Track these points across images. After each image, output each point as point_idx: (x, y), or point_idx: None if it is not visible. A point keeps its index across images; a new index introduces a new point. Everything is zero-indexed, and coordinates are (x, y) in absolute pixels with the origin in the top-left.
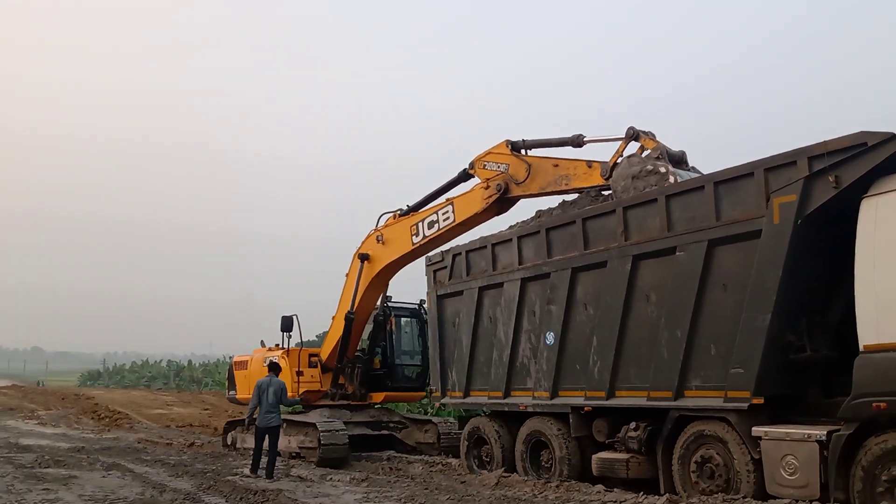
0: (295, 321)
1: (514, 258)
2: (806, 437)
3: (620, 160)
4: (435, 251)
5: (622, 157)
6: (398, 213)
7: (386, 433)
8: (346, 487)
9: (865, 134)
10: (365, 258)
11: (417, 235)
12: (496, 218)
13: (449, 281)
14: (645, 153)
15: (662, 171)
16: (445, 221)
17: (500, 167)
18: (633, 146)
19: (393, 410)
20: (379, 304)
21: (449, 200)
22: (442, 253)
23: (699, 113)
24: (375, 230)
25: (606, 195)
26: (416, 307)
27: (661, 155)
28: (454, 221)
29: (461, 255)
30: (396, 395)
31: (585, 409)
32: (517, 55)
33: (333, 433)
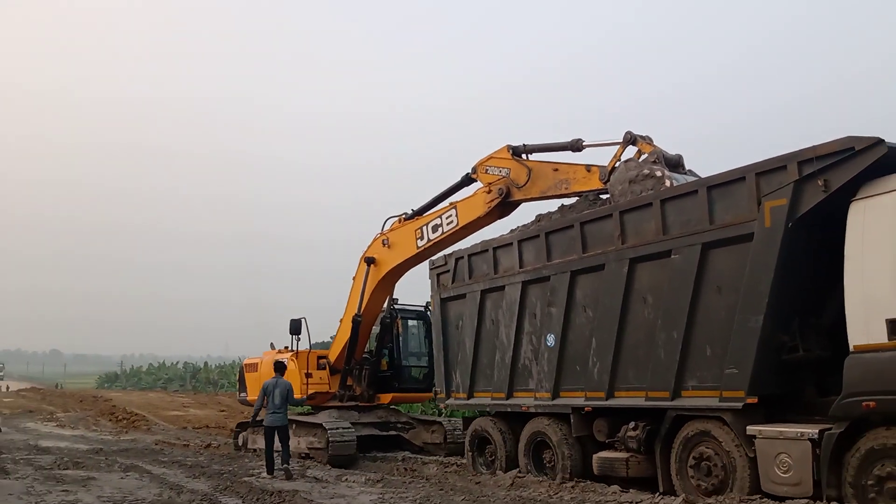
0: (303, 324)
1: (514, 261)
2: (799, 435)
3: (618, 164)
4: (439, 255)
5: (620, 161)
6: (403, 217)
7: (394, 434)
8: (361, 488)
9: (853, 139)
10: (371, 261)
11: (422, 239)
12: (498, 221)
13: (452, 284)
14: (642, 157)
15: (658, 174)
16: (449, 225)
17: (501, 172)
18: (630, 150)
19: (400, 411)
20: (386, 306)
21: (452, 204)
22: (445, 257)
23: (699, 113)
24: (381, 234)
25: (605, 199)
26: (422, 309)
27: (657, 159)
28: (457, 225)
29: (463, 258)
30: (404, 396)
31: (586, 409)
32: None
33: (342, 434)
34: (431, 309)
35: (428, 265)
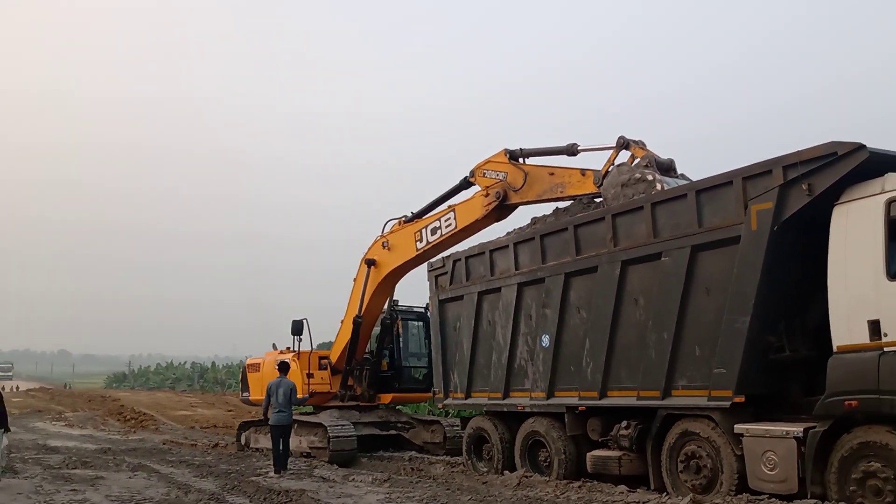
0: (305, 325)
1: (510, 264)
2: (784, 433)
3: (611, 169)
4: (437, 257)
5: (613, 165)
6: (403, 219)
7: (394, 433)
8: (368, 488)
9: (835, 144)
10: (371, 263)
11: (421, 241)
12: (495, 224)
13: (450, 286)
14: (635, 162)
15: (650, 178)
16: (447, 228)
17: (498, 175)
18: (624, 155)
19: (400, 411)
20: (386, 307)
21: (451, 207)
22: (443, 259)
23: (699, 113)
24: (381, 236)
25: (599, 202)
26: (422, 310)
27: (649, 163)
28: (456, 228)
29: (461, 260)
30: (404, 396)
31: (580, 408)
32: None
33: (342, 433)
34: (430, 310)
35: (427, 267)
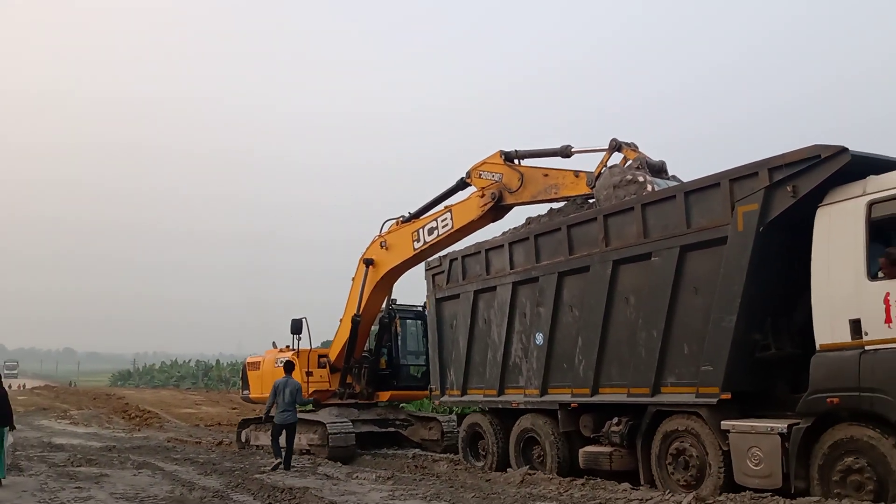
0: (304, 324)
1: (505, 263)
2: (769, 430)
3: (604, 170)
4: (434, 256)
5: (606, 167)
6: (400, 219)
7: (392, 430)
8: (371, 485)
9: (819, 147)
10: (370, 263)
11: (418, 241)
12: (491, 224)
13: (447, 285)
14: (627, 163)
15: (641, 180)
16: (444, 228)
17: (494, 176)
18: (617, 157)
19: (399, 408)
20: (384, 306)
21: (447, 208)
22: (440, 258)
23: (699, 113)
24: (379, 236)
25: (592, 203)
26: (420, 309)
27: (640, 165)
28: (452, 228)
29: (457, 260)
30: (402, 393)
31: (572, 405)
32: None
33: (341, 430)
34: (427, 309)
35: (424, 266)
